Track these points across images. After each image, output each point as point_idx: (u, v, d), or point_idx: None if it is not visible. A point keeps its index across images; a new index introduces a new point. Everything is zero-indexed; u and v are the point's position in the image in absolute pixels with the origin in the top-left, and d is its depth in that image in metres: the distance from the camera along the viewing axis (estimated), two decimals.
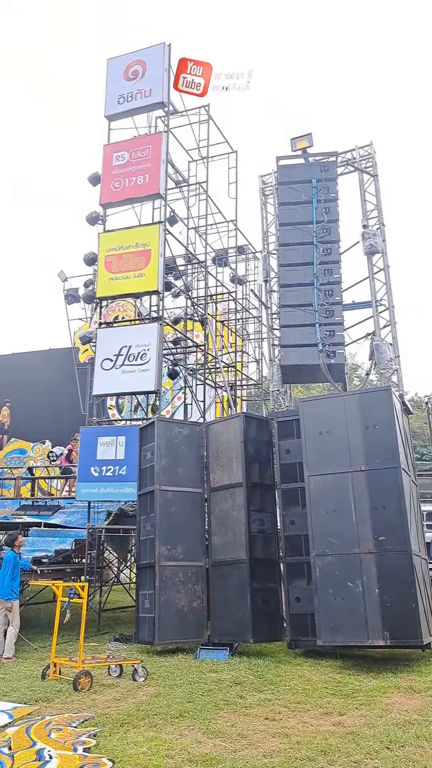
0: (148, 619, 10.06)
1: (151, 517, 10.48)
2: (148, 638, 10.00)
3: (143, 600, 10.35)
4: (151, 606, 9.99)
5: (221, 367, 16.90)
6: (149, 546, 10.43)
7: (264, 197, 16.72)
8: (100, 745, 5.53)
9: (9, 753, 5.47)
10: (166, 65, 14.00)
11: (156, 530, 10.26)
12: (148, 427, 11.13)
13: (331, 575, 9.08)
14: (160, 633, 9.80)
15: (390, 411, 9.50)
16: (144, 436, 11.20)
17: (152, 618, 9.88)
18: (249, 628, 9.69)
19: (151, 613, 9.96)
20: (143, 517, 10.79)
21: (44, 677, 8.01)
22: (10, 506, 15.69)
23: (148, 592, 10.18)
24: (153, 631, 9.80)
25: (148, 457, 10.85)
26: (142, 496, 10.94)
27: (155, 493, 10.41)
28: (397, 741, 5.37)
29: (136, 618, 10.46)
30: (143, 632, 10.20)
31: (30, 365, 22.18)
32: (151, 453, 10.73)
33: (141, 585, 10.64)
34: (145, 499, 10.82)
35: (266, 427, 11.35)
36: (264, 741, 5.50)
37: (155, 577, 10.01)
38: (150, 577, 10.23)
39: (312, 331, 13.19)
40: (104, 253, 13.53)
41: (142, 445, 11.16)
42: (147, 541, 10.54)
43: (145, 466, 10.96)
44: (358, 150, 15.27)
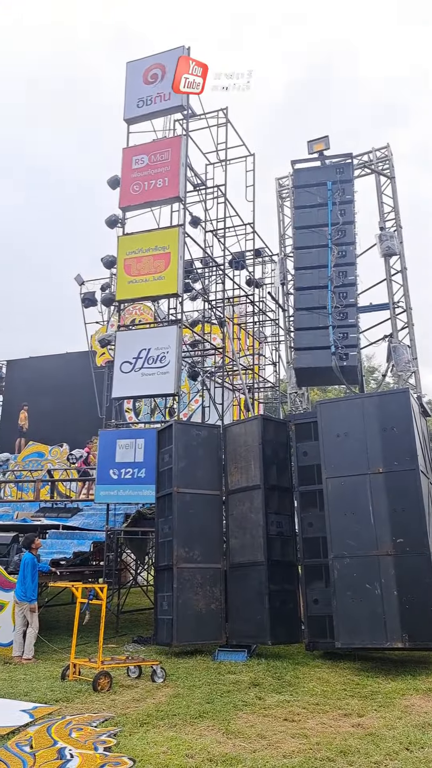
0: (166, 621, 10.10)
1: (169, 520, 10.53)
2: (167, 639, 10.04)
3: (161, 602, 10.39)
4: (169, 608, 10.03)
5: (239, 370, 16.93)
6: (167, 548, 10.47)
7: (281, 200, 16.76)
8: (121, 744, 5.58)
9: (30, 751, 5.54)
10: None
11: (174, 532, 10.31)
12: (166, 430, 11.19)
13: (349, 577, 9.07)
14: (178, 634, 9.84)
15: (408, 413, 9.47)
16: (162, 438, 11.24)
17: (170, 619, 9.93)
18: (267, 630, 9.70)
19: (169, 614, 10.00)
20: (161, 519, 10.84)
21: (64, 678, 8.09)
22: (29, 508, 15.86)
23: (167, 594, 10.22)
24: (171, 633, 9.84)
25: (166, 459, 10.89)
26: (161, 499, 10.99)
27: (173, 496, 10.45)
28: (417, 742, 5.36)
29: (155, 619, 10.52)
30: (162, 634, 10.25)
31: (47, 369, 22.41)
32: (169, 455, 10.78)
33: (159, 587, 10.68)
34: (163, 502, 10.87)
35: (284, 430, 11.36)
36: (283, 742, 5.52)
37: (173, 579, 10.05)
38: (168, 579, 10.27)
39: (325, 334, 13.12)
40: (123, 256, 13.58)
41: (160, 447, 11.20)
42: (165, 544, 10.59)
43: (163, 468, 11.00)
44: (374, 152, 15.22)
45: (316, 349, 13.19)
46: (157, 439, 11.28)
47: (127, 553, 14.61)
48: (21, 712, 6.71)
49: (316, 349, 13.18)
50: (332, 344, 12.92)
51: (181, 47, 14.17)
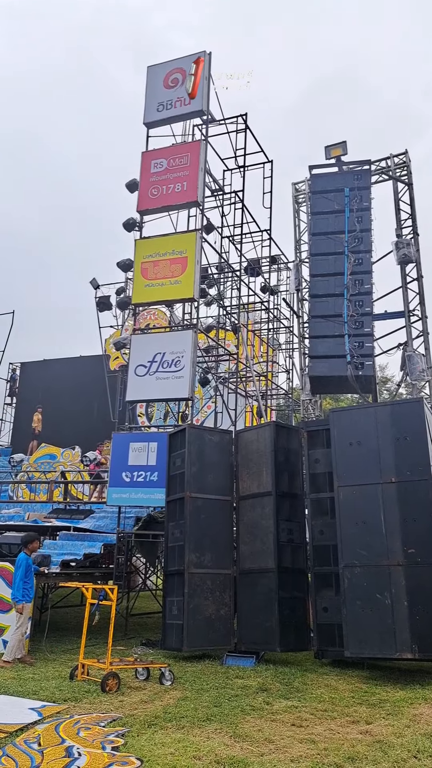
0: (176, 626, 10.06)
1: (180, 524, 10.52)
2: (176, 644, 10.00)
3: (171, 606, 10.36)
4: (179, 612, 10.00)
5: (253, 376, 16.97)
6: (178, 552, 10.46)
7: (297, 205, 16.81)
8: (129, 744, 5.61)
9: (39, 749, 5.58)
10: (206, 74, 14.14)
11: (185, 537, 10.29)
12: (178, 434, 11.20)
13: (359, 586, 9.03)
14: (188, 639, 9.79)
15: (421, 423, 9.45)
16: (174, 442, 11.25)
17: (181, 624, 9.90)
18: (276, 637, 9.68)
19: (179, 619, 9.97)
20: (172, 523, 10.83)
21: (72, 678, 8.12)
22: (41, 510, 15.95)
23: (177, 599, 10.19)
24: (181, 638, 9.80)
25: (178, 463, 10.90)
26: (171, 503, 10.99)
27: (185, 500, 10.46)
28: (426, 751, 5.33)
29: (164, 624, 10.46)
30: (171, 638, 10.19)
31: (61, 372, 22.60)
32: (182, 460, 10.79)
33: (169, 591, 10.64)
34: (174, 506, 10.87)
35: (296, 437, 11.36)
36: (291, 746, 5.52)
37: (184, 584, 10.04)
38: (178, 584, 10.26)
39: (341, 342, 13.12)
40: (140, 260, 13.64)
41: (171, 451, 11.21)
42: (176, 548, 10.58)
43: (175, 472, 10.99)
44: (392, 158, 15.23)
45: (331, 358, 13.20)
46: (168, 443, 11.29)
47: (137, 557, 14.64)
48: (30, 710, 6.75)
49: (332, 358, 13.18)
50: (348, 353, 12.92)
51: (202, 52, 14.28)
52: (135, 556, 14.31)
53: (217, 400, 15.92)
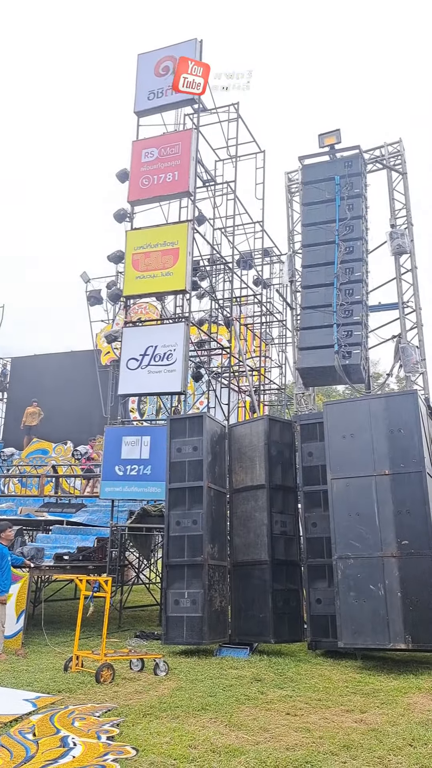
0: (188, 619, 9.67)
1: (190, 513, 10.15)
2: (191, 638, 9.58)
3: (175, 598, 9.90)
4: (195, 605, 9.64)
5: (246, 371, 16.95)
6: (188, 543, 10.05)
7: (290, 195, 16.72)
8: (124, 734, 5.60)
9: (33, 739, 5.56)
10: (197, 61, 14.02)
11: (203, 527, 9.98)
12: (184, 421, 10.84)
13: (352, 578, 9.07)
14: (209, 633, 9.53)
15: (415, 415, 9.49)
16: (176, 428, 10.76)
17: (200, 617, 9.54)
18: (270, 629, 9.71)
19: (195, 612, 9.61)
20: (177, 512, 10.34)
21: (67, 669, 8.11)
22: (33, 504, 15.90)
23: (189, 591, 9.80)
24: (201, 631, 9.47)
25: (185, 450, 10.50)
26: (176, 491, 10.50)
27: (203, 490, 10.13)
28: (420, 739, 5.36)
29: (165, 618, 9.91)
30: (176, 632, 9.74)
31: (52, 367, 22.49)
32: (192, 447, 10.44)
33: (171, 583, 10.12)
34: (179, 494, 10.42)
35: (289, 430, 11.39)
36: (286, 735, 5.53)
37: (203, 576, 9.73)
38: (191, 575, 9.87)
39: (329, 333, 13.04)
40: (132, 251, 13.55)
41: (173, 437, 10.72)
42: (184, 538, 10.12)
43: (177, 460, 10.56)
44: (386, 147, 15.12)
45: (319, 348, 13.14)
46: (169, 428, 10.79)
47: (131, 551, 14.63)
48: (24, 701, 6.72)
49: (320, 348, 13.12)
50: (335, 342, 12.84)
51: (193, 40, 14.18)
52: (129, 550, 14.30)
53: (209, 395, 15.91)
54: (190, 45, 14.17)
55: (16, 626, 9.89)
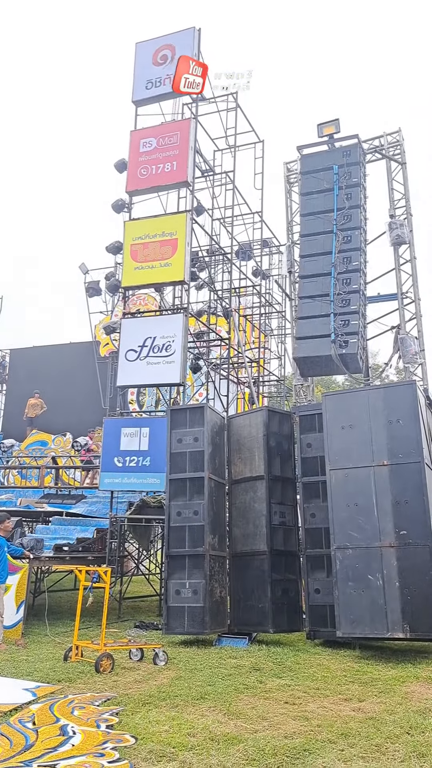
0: (189, 609, 9.71)
1: (191, 504, 10.17)
2: (192, 628, 9.62)
3: (176, 588, 9.89)
4: (195, 595, 9.69)
5: (245, 363, 16.93)
6: (189, 533, 10.08)
7: (289, 185, 16.63)
8: (123, 723, 5.63)
9: (33, 728, 5.59)
10: (195, 50, 13.88)
11: (204, 518, 10.02)
12: (188, 411, 10.82)
13: (351, 568, 9.11)
14: (211, 623, 9.59)
15: (414, 406, 9.49)
16: (177, 419, 10.75)
17: (202, 607, 9.59)
18: (269, 618, 9.75)
19: (197, 602, 9.65)
20: (178, 502, 10.33)
21: (66, 659, 8.15)
22: (32, 495, 15.93)
23: (189, 581, 9.84)
24: (203, 621, 9.52)
25: (185, 441, 10.50)
26: (177, 482, 10.48)
27: (204, 481, 10.17)
28: (418, 727, 5.39)
29: (167, 608, 9.93)
30: (177, 622, 9.76)
31: (51, 358, 22.45)
32: (193, 438, 10.45)
33: (172, 573, 10.13)
34: (180, 485, 10.41)
35: (288, 422, 11.40)
36: (284, 723, 5.57)
37: (204, 566, 9.77)
38: (192, 566, 9.90)
39: (326, 322, 13.01)
40: (130, 242, 13.46)
41: (173, 428, 10.70)
42: (185, 528, 10.14)
43: (178, 450, 10.54)
44: (386, 137, 15.02)
45: (316, 338, 13.11)
46: (169, 419, 10.77)
47: (131, 542, 14.68)
48: (24, 691, 6.76)
49: (317, 338, 13.10)
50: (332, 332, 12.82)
51: (191, 28, 14.03)
52: (128, 541, 14.35)
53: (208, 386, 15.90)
54: (189, 34, 14.04)
55: (16, 617, 9.93)
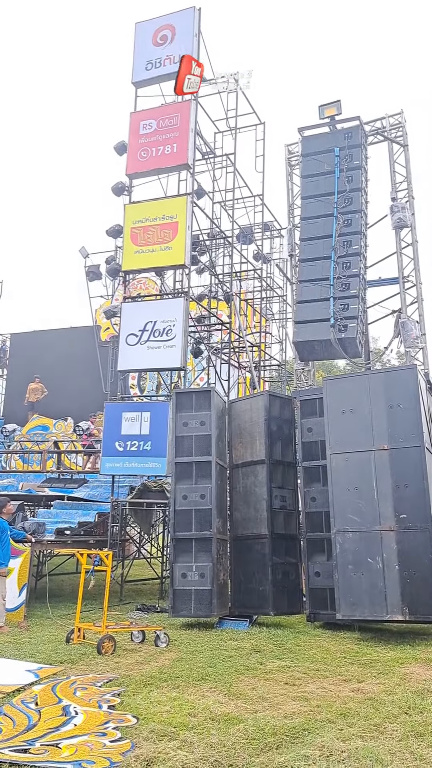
0: (195, 592, 9.77)
1: (199, 488, 10.21)
2: (199, 611, 9.68)
3: (181, 572, 9.95)
4: (201, 578, 9.76)
5: (246, 347, 16.89)
6: (196, 517, 10.11)
7: (290, 167, 16.46)
8: (124, 703, 5.69)
9: (36, 708, 5.65)
10: (196, 30, 13.70)
11: (212, 502, 10.08)
12: (192, 395, 10.81)
13: (351, 551, 9.17)
14: (218, 606, 9.69)
15: (415, 390, 9.49)
16: (183, 402, 10.70)
17: (209, 590, 9.67)
18: (269, 601, 9.84)
19: (204, 585, 9.72)
20: (184, 486, 10.32)
21: (68, 641, 8.23)
22: (34, 480, 16.00)
23: (197, 564, 9.91)
24: (210, 604, 9.59)
25: (191, 425, 10.49)
26: (182, 465, 10.46)
27: (212, 465, 10.21)
28: (416, 707, 5.45)
29: (172, 591, 9.90)
30: (184, 605, 9.79)
31: (51, 343, 22.41)
32: (200, 422, 10.45)
33: (178, 557, 10.13)
34: (186, 468, 10.41)
35: (289, 406, 11.42)
36: (284, 704, 5.63)
37: (212, 549, 9.85)
38: (199, 549, 9.96)
39: (326, 306, 12.94)
40: (130, 225, 13.36)
41: (178, 411, 10.64)
42: (191, 512, 10.15)
43: (183, 434, 10.52)
44: (387, 118, 14.82)
45: (315, 322, 13.05)
46: (175, 402, 10.72)
47: (132, 526, 14.76)
48: (26, 672, 6.84)
49: (316, 322, 13.04)
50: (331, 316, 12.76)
51: (191, 8, 13.81)
52: (129, 525, 14.42)
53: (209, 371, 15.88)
54: (189, 13, 13.83)
55: (18, 599, 10.02)
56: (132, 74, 14.36)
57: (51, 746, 4.73)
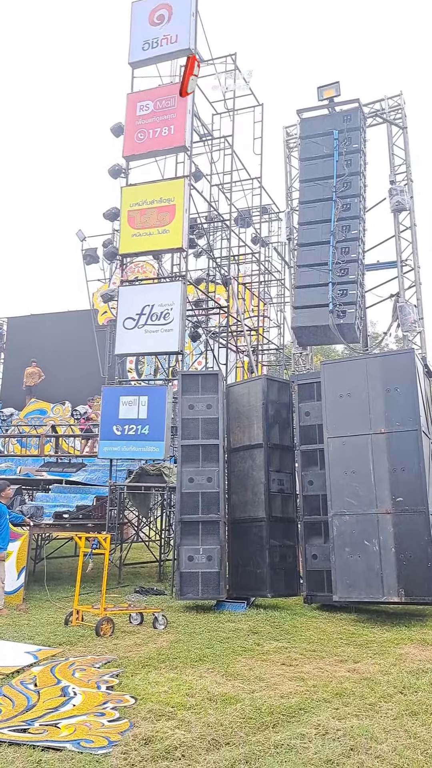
0: (202, 575, 9.80)
1: (206, 471, 10.23)
2: (206, 593, 9.70)
3: (188, 555, 9.92)
4: (209, 561, 9.82)
5: (244, 331, 16.85)
6: (202, 500, 10.13)
7: (288, 150, 16.28)
8: (123, 684, 5.76)
9: (35, 689, 5.71)
10: (193, 10, 13.45)
11: (219, 485, 10.11)
12: (199, 377, 10.81)
13: (348, 534, 9.24)
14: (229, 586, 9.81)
15: (412, 374, 9.50)
16: (188, 385, 10.65)
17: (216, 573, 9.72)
18: (267, 583, 9.91)
19: (211, 567, 9.78)
20: (190, 468, 10.29)
21: (67, 623, 8.28)
22: (32, 464, 16.01)
23: (203, 547, 9.94)
24: (218, 586, 9.67)
25: (197, 407, 10.48)
26: (189, 448, 10.44)
27: (219, 448, 10.26)
28: (411, 687, 5.52)
29: (180, 574, 9.82)
30: (191, 587, 9.79)
31: (49, 327, 22.36)
32: (207, 405, 10.47)
33: (184, 539, 10.08)
34: (193, 451, 10.41)
35: (287, 390, 11.42)
36: (281, 684, 5.69)
37: (219, 533, 9.90)
38: (206, 532, 9.98)
39: (325, 291, 12.90)
40: (127, 208, 13.23)
41: (184, 393, 10.59)
42: (198, 495, 10.15)
43: (189, 416, 10.48)
44: (387, 100, 14.67)
45: (314, 307, 13.02)
46: (181, 384, 10.67)
47: (130, 510, 14.82)
48: (25, 654, 6.90)
49: (315, 307, 13.00)
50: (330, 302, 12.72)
51: None
52: (128, 509, 14.48)
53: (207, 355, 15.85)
54: None
55: (17, 582, 10.07)
56: (128, 54, 14.14)
57: (50, 726, 4.78)
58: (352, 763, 3.97)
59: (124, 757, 4.12)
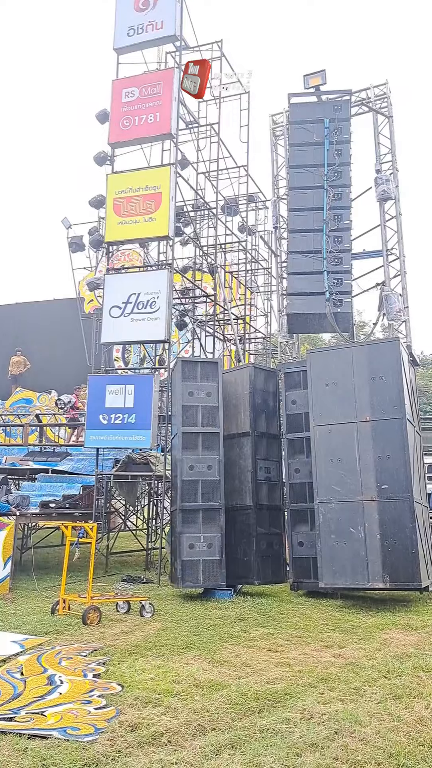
0: (203, 562, 9.82)
1: (206, 459, 10.22)
2: (208, 581, 9.72)
3: (188, 542, 9.89)
4: (210, 549, 9.86)
5: (231, 320, 16.81)
6: (202, 487, 10.11)
7: (275, 138, 16.18)
8: (110, 672, 5.77)
9: (21, 678, 5.71)
10: None
11: (219, 473, 10.13)
12: (198, 365, 10.75)
13: (333, 521, 9.31)
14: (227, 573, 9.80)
15: (397, 363, 9.56)
16: (188, 372, 10.58)
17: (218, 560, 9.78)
18: (254, 571, 9.97)
19: (213, 555, 9.82)
20: (191, 456, 10.25)
21: (54, 612, 8.28)
22: (17, 454, 15.94)
23: (204, 535, 9.95)
24: (220, 574, 9.71)
25: (197, 395, 10.45)
26: (187, 435, 10.36)
27: (219, 436, 10.28)
28: (395, 671, 5.59)
29: (180, 562, 9.79)
30: (192, 575, 9.78)
31: (34, 315, 22.20)
32: (207, 393, 10.45)
33: (184, 527, 9.99)
34: (193, 439, 10.35)
35: (273, 379, 11.45)
36: (267, 670, 5.74)
37: (220, 520, 9.93)
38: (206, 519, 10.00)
39: (319, 279, 12.89)
40: (113, 196, 13.08)
41: (184, 380, 10.52)
42: (198, 482, 10.12)
43: (189, 403, 10.42)
44: (372, 89, 14.63)
45: (310, 295, 13.02)
46: (180, 371, 10.61)
47: (117, 499, 14.81)
48: (11, 643, 6.88)
49: (310, 295, 13.01)
50: (327, 290, 12.74)
51: None
52: (115, 498, 14.47)
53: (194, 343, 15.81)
54: None
55: (3, 572, 10.05)
56: (113, 40, 13.92)
57: (36, 714, 4.79)
58: (337, 746, 4.01)
59: (110, 743, 4.13)
